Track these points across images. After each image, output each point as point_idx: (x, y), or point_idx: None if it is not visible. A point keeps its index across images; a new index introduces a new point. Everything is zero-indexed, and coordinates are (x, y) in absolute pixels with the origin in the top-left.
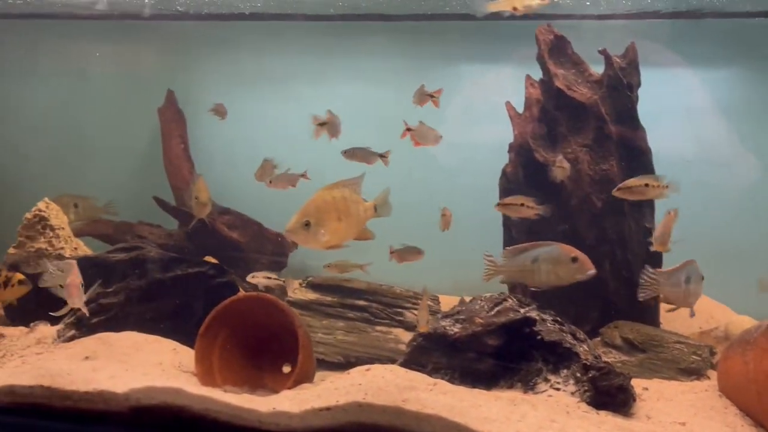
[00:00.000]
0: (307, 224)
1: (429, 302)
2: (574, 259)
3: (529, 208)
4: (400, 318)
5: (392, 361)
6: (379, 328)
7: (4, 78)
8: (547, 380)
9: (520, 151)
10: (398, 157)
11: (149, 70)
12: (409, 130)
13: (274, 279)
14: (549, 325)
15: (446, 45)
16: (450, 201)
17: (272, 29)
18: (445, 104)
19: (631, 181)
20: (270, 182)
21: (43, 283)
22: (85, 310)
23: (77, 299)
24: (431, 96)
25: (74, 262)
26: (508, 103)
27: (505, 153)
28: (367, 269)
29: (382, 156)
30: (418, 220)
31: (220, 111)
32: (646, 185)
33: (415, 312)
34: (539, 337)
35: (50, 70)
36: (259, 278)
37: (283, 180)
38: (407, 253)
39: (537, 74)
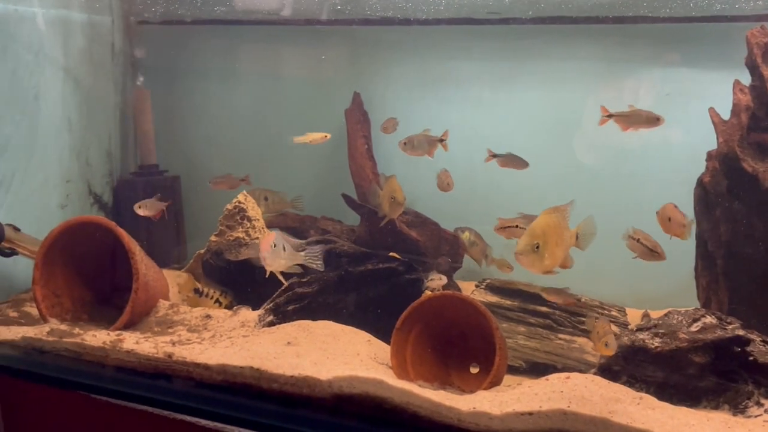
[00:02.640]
0: (537, 247)
1: (615, 313)
2: None
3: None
4: (584, 327)
5: (578, 370)
6: (561, 335)
7: (206, 79)
8: (759, 404)
9: (724, 160)
10: (582, 165)
11: (337, 74)
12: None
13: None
14: (760, 345)
15: (638, 48)
16: (635, 208)
17: (459, 33)
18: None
19: None
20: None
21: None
22: (281, 278)
23: (272, 263)
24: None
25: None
26: (711, 109)
27: (695, 162)
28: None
29: (441, 140)
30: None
31: (387, 127)
32: None
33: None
34: (752, 358)
35: (246, 73)
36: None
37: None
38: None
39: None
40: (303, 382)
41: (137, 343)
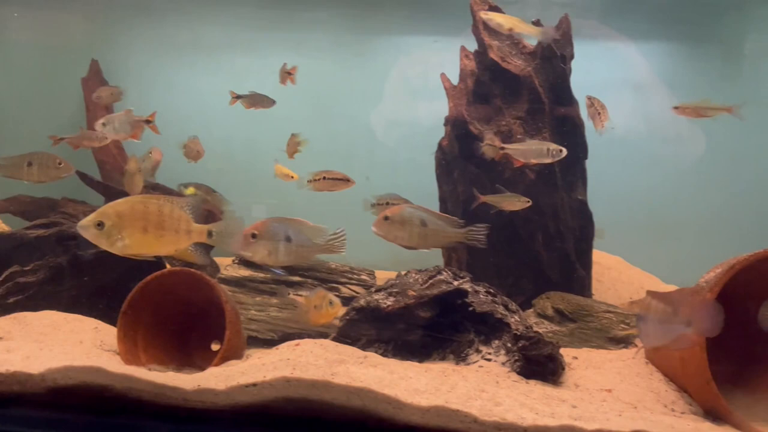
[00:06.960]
0: (100, 225)
1: (365, 276)
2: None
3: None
4: (336, 293)
5: (327, 337)
6: None
7: None
8: (478, 351)
9: (455, 123)
10: (335, 135)
11: (73, 39)
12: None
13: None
14: (482, 296)
15: (385, 18)
16: (390, 176)
17: None
18: (383, 78)
19: None
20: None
21: None
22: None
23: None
24: (288, 74)
25: None
26: (443, 75)
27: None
28: None
29: (147, 121)
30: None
31: (102, 96)
32: None
33: (351, 287)
34: (471, 309)
35: None
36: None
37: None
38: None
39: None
40: (12, 379)
41: None
